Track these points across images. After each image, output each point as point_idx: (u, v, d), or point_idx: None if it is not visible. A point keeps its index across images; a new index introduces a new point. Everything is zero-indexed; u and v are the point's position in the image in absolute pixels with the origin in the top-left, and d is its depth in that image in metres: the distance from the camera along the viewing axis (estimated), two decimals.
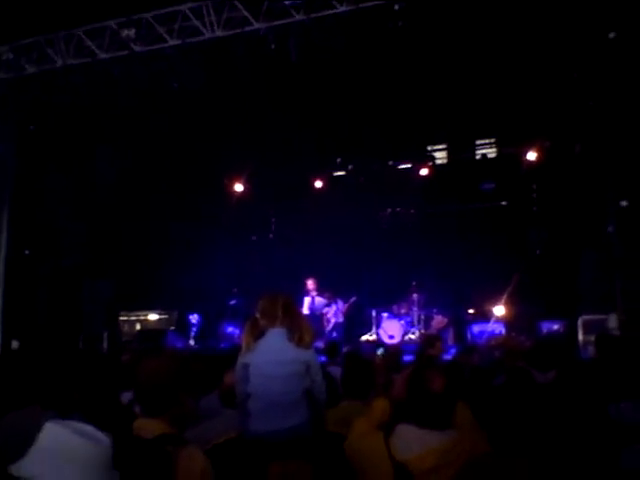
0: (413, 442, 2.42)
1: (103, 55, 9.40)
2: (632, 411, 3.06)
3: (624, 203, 8.94)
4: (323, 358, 5.93)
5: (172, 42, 9.08)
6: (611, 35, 8.17)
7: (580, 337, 9.09)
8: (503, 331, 10.08)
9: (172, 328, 11.55)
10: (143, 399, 2.41)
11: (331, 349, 6.09)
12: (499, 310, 10.43)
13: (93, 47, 9.39)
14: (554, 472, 2.26)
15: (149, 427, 2.26)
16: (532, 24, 8.49)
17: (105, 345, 10.37)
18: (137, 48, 9.21)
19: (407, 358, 6.16)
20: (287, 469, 3.08)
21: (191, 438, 3.12)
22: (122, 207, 11.86)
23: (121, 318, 11.66)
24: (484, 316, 10.82)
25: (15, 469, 1.55)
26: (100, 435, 1.66)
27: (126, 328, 11.53)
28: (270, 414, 3.32)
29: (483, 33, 8.77)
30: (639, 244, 8.99)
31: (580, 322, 9.21)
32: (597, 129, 9.73)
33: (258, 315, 3.62)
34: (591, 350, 8.31)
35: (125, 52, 9.31)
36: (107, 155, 11.38)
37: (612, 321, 8.98)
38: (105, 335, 10.60)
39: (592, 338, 8.61)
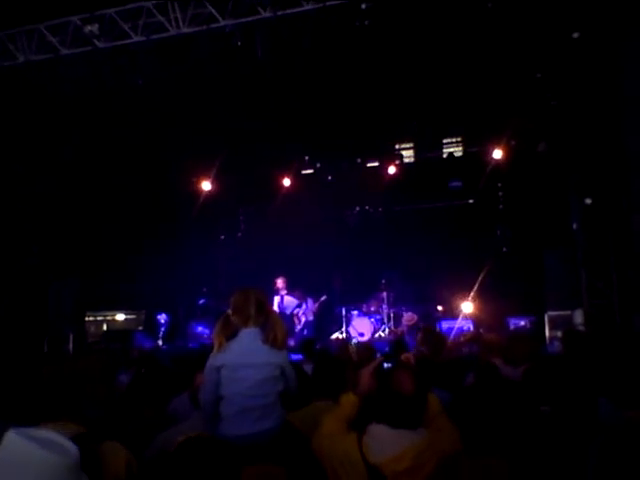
0: (386, 444, 2.40)
1: (65, 51, 9.20)
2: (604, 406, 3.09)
3: (588, 201, 9.08)
4: (298, 356, 5.89)
5: (136, 38, 8.93)
6: (575, 35, 8.28)
7: (547, 333, 9.23)
8: (471, 327, 10.18)
9: (140, 328, 11.40)
10: (49, 403, 2.41)
11: (307, 347, 6.02)
12: (467, 307, 10.53)
13: (55, 43, 9.19)
14: (529, 470, 2.27)
15: (62, 430, 2.25)
16: (497, 24, 8.57)
17: (71, 347, 10.17)
18: (100, 44, 9.04)
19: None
20: (260, 473, 3.04)
21: (161, 440, 3.08)
22: (89, 205, 11.66)
23: (87, 319, 11.44)
24: (452, 313, 10.92)
25: None
26: (68, 445, 1.61)
27: (93, 329, 11.33)
28: (243, 418, 3.25)
29: (449, 33, 8.81)
30: (603, 241, 9.15)
31: (546, 318, 9.35)
32: (561, 128, 9.88)
33: (230, 312, 3.53)
34: (557, 345, 8.45)
35: (88, 48, 9.13)
36: (72, 153, 11.16)
37: (578, 317, 9.14)
38: (71, 337, 10.38)
39: (558, 333, 8.80)
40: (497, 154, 11.21)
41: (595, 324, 8.80)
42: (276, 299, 11.29)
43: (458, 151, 12.99)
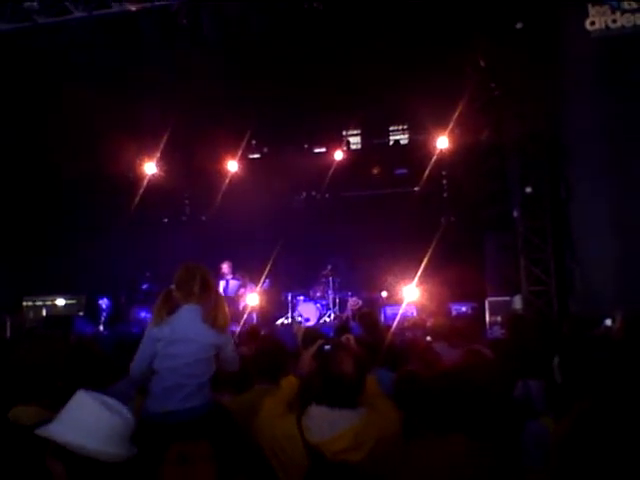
0: (325, 424, 2.42)
1: (4, 26, 8.84)
2: (537, 388, 3.19)
3: (528, 189, 9.32)
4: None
5: (78, 14, 8.64)
6: (518, 25, 8.45)
7: (487, 318, 9.44)
8: (415, 313, 10.33)
9: (80, 313, 11.13)
10: (17, 385, 2.38)
11: (251, 334, 6.00)
12: (411, 293, 10.67)
13: None
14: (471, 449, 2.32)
15: (26, 414, 2.20)
16: (444, 12, 8.67)
17: (8, 333, 9.84)
18: (40, 20, 8.71)
19: None
20: (186, 450, 3.01)
21: None
22: (28, 186, 11.29)
23: (25, 303, 11.10)
24: (396, 299, 11.05)
25: None
26: (126, 411, 1.93)
27: (31, 314, 11.00)
28: (173, 395, 3.17)
29: (397, 19, 8.87)
30: (542, 229, 9.42)
31: (487, 304, 9.58)
32: (503, 118, 10.08)
33: (173, 287, 3.46)
34: (497, 330, 8.68)
35: (28, 24, 8.79)
36: (7, 131, 10.75)
37: (517, 302, 9.40)
38: (8, 322, 10.04)
39: (498, 319, 9.03)
40: (442, 142, 11.34)
41: (533, 309, 9.07)
42: (221, 284, 11.18)
43: (404, 139, 13.13)
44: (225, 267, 11.30)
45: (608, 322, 4.61)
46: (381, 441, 2.43)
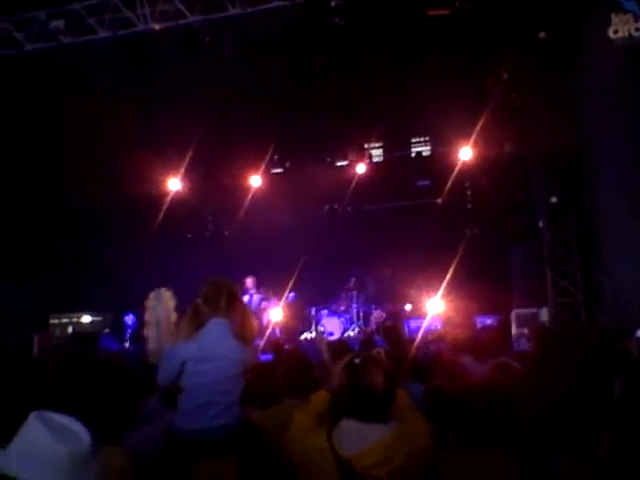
0: (356, 438, 2.40)
1: (30, 46, 9.03)
2: None
3: (554, 199, 9.23)
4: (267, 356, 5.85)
5: (102, 34, 8.81)
6: (542, 35, 8.41)
7: (513, 330, 9.34)
8: (439, 326, 10.24)
9: (106, 330, 11.20)
10: (47, 403, 2.37)
11: (276, 348, 6.01)
12: (435, 306, 10.59)
13: (20, 38, 9.01)
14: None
15: None
16: (465, 24, 8.67)
17: (35, 350, 9.95)
18: (66, 40, 8.89)
19: None
20: (213, 466, 3.00)
21: (131, 439, 3.03)
22: (55, 203, 11.45)
23: (52, 321, 11.21)
24: (420, 312, 10.97)
25: None
26: (82, 433, 1.71)
27: (58, 332, 11.09)
28: (203, 413, 3.13)
29: (419, 33, 8.89)
30: (568, 240, 9.31)
31: (513, 316, 9.47)
32: (526, 128, 10.02)
33: (200, 301, 3.44)
34: (524, 342, 8.57)
35: (53, 44, 8.97)
36: (32, 148, 10.92)
37: (543, 314, 9.28)
38: (35, 339, 10.15)
39: (525, 331, 8.92)
40: (464, 154, 11.30)
41: (560, 322, 8.95)
42: (245, 298, 11.21)
43: (426, 150, 13.10)
44: (249, 282, 11.33)
45: (639, 333, 4.53)
46: (412, 455, 2.41)
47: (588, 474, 1.95)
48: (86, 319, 11.32)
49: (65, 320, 11.27)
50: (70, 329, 11.16)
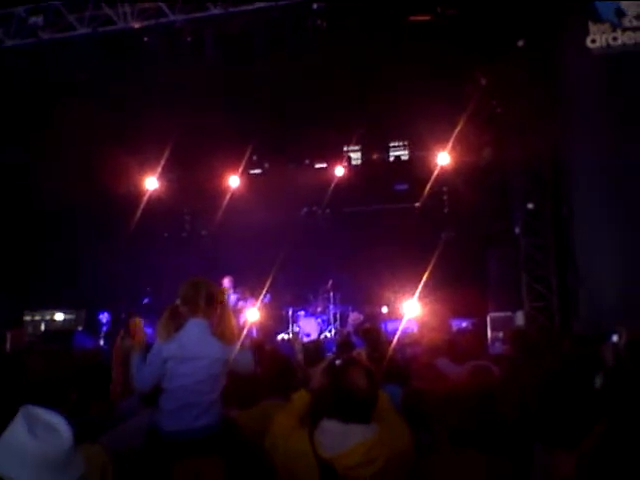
0: (338, 439, 2.40)
1: (10, 42, 8.90)
2: None
3: (530, 206, 9.34)
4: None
5: (82, 30, 8.72)
6: (520, 43, 8.51)
7: (489, 334, 9.42)
8: (415, 329, 10.29)
9: (80, 328, 11.10)
10: (30, 400, 2.34)
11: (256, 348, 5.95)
12: (412, 309, 10.65)
13: None
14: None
15: None
16: (444, 30, 8.74)
17: (8, 346, 9.80)
18: (45, 36, 8.78)
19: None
20: (197, 465, 2.98)
21: (107, 438, 3.00)
22: (28, 200, 11.28)
23: (25, 318, 11.08)
24: (397, 314, 11.02)
25: None
26: (63, 430, 1.70)
27: (30, 329, 10.96)
28: (184, 414, 3.11)
29: (398, 38, 8.94)
30: (543, 245, 9.43)
31: (488, 319, 9.56)
32: (504, 134, 10.13)
33: (179, 302, 3.40)
34: (499, 346, 8.66)
35: (32, 40, 8.86)
36: (8, 146, 10.76)
37: (519, 318, 9.38)
38: (8, 336, 10.00)
39: (500, 334, 9.01)
40: (442, 159, 11.38)
41: (536, 326, 9.06)
42: None
43: (404, 154, 13.17)
44: (226, 282, 11.26)
45: (615, 338, 4.60)
46: (393, 457, 2.42)
47: (567, 465, 1.98)
48: (59, 317, 11.24)
49: (38, 317, 11.18)
50: (43, 326, 11.06)
